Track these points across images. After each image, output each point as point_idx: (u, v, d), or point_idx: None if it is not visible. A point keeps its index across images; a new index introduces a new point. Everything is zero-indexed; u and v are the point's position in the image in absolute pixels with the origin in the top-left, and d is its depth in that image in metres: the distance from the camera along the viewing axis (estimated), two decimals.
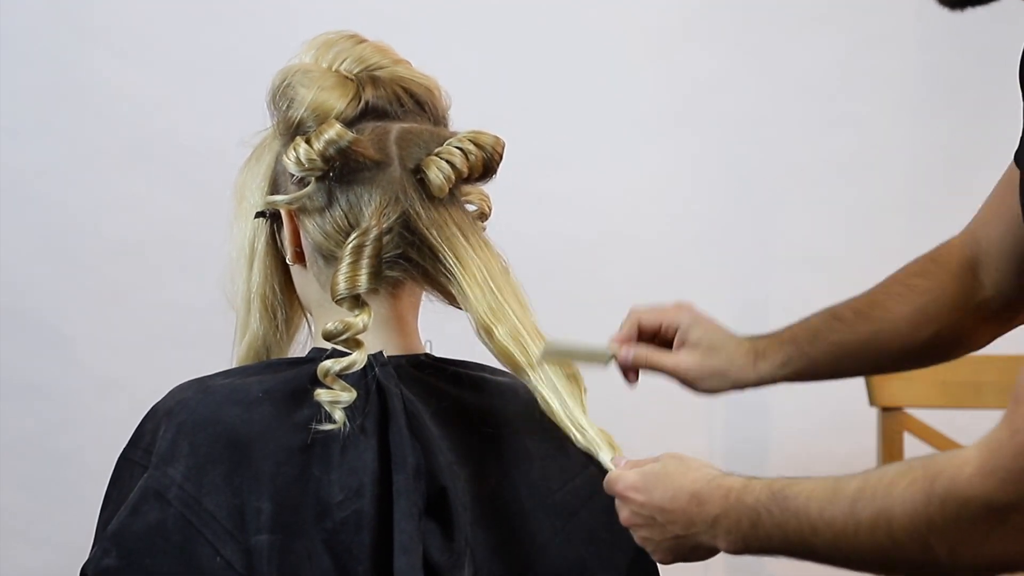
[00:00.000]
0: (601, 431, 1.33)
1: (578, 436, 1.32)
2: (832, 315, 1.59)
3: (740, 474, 1.23)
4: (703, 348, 1.53)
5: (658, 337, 1.54)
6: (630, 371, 1.53)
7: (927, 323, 1.56)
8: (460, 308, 1.34)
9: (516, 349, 1.31)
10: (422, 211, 1.31)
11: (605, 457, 1.30)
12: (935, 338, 1.57)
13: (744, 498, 1.19)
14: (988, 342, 1.60)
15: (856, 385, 2.27)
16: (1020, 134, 1.37)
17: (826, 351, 1.57)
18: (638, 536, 1.27)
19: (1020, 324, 1.59)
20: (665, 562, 1.27)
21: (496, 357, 1.32)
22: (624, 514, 1.27)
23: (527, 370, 1.31)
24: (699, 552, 1.24)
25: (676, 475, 1.24)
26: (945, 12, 1.19)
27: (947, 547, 1.07)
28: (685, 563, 1.28)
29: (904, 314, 1.57)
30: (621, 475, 1.27)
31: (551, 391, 1.32)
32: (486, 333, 1.31)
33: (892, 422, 2.29)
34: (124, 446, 1.32)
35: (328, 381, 1.27)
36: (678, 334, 1.53)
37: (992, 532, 1.05)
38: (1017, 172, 1.46)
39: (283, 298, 1.39)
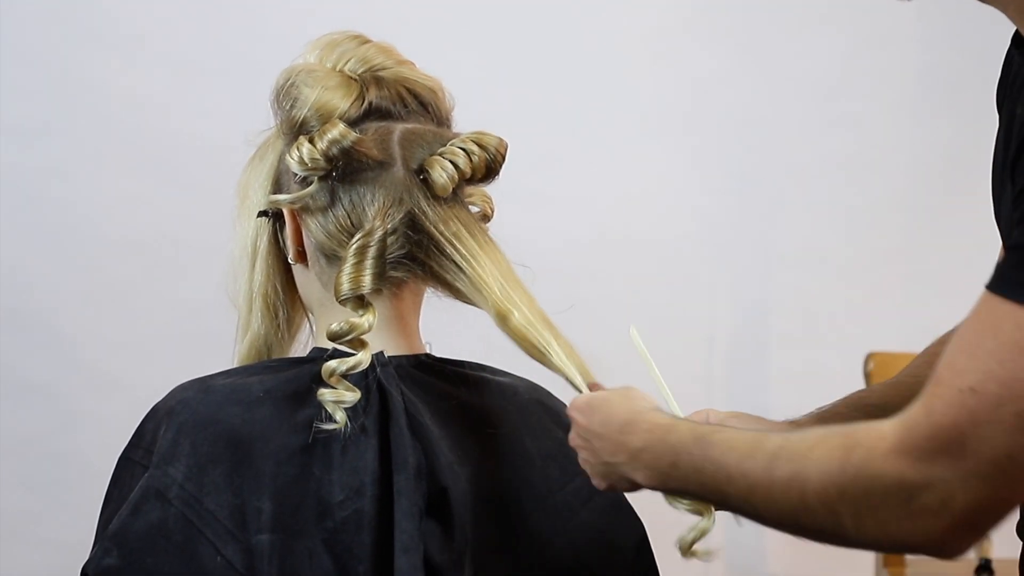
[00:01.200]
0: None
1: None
2: (859, 403, 1.55)
3: (673, 415, 1.25)
4: None
5: None
6: None
7: None
8: (466, 302, 1.34)
9: (532, 333, 1.31)
10: (428, 209, 1.31)
11: (578, 380, 1.31)
12: None
13: (667, 437, 1.20)
14: None
15: (856, 385, 2.27)
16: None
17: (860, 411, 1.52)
18: (579, 459, 1.28)
19: None
20: (600, 487, 1.27)
21: (515, 343, 1.31)
22: (571, 435, 1.28)
23: (545, 353, 1.31)
24: (624, 484, 1.24)
25: (616, 403, 1.25)
26: (943, 13, 1.20)
27: (854, 518, 1.08)
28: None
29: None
30: (576, 398, 1.28)
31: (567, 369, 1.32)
32: (503, 319, 1.30)
33: None
34: (125, 446, 1.32)
35: (332, 381, 1.27)
36: None
37: (899, 509, 1.06)
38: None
39: (285, 297, 1.39)
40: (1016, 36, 1.22)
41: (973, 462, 1.03)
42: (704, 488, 1.18)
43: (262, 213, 1.37)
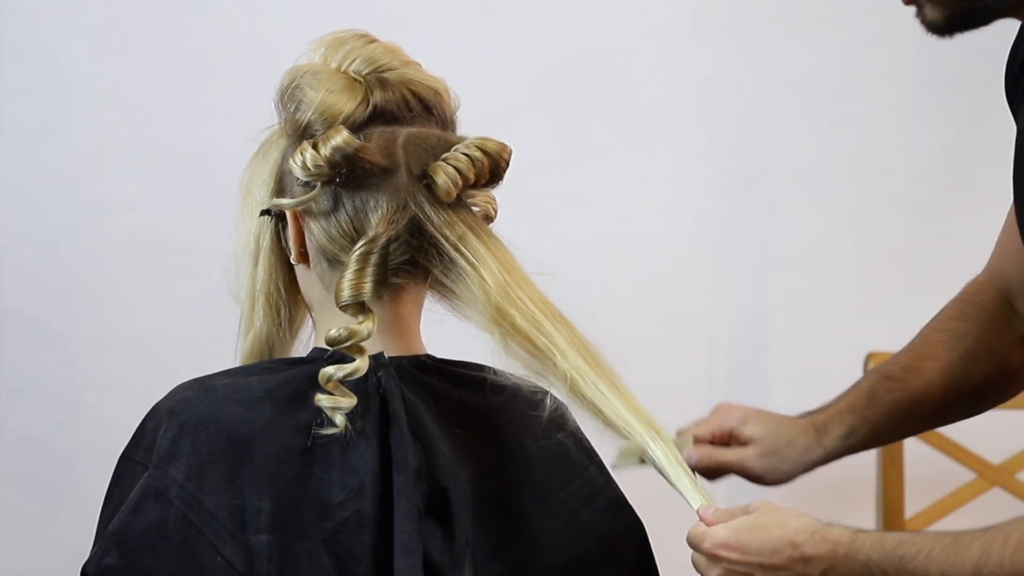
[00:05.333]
0: (680, 463, 1.29)
1: (671, 474, 1.28)
2: (882, 375, 1.57)
3: (843, 525, 1.22)
4: (761, 440, 1.50)
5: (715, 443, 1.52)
6: (705, 472, 1.50)
7: (977, 365, 1.55)
8: (462, 315, 1.33)
9: (536, 335, 1.29)
10: (432, 214, 1.31)
11: (694, 503, 1.27)
12: (988, 380, 1.56)
13: (854, 554, 1.19)
14: None
15: None
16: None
17: (884, 412, 1.55)
18: None
19: None
20: None
21: (515, 346, 1.29)
22: (715, 572, 1.25)
23: (551, 356, 1.29)
24: None
25: (774, 526, 1.22)
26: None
27: None
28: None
29: (953, 360, 1.55)
30: (706, 532, 1.25)
31: (603, 391, 1.29)
32: (504, 319, 1.29)
33: None
34: (125, 445, 1.32)
35: (330, 387, 1.27)
36: (733, 435, 1.50)
37: None
38: None
39: (287, 296, 1.39)
40: None
41: None
42: None
43: (264, 212, 1.37)
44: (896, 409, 1.55)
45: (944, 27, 1.18)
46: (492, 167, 1.33)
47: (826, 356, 2.65)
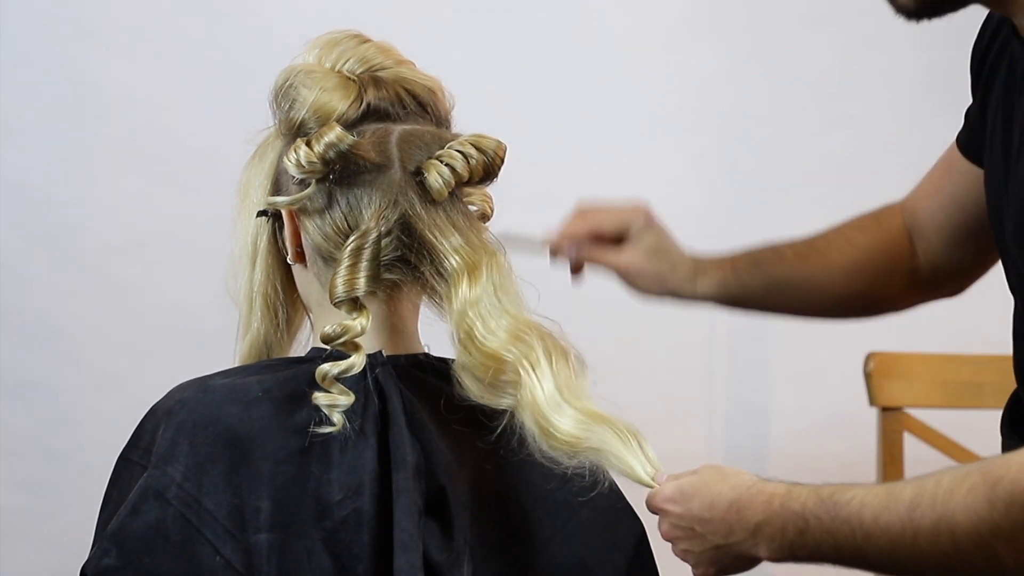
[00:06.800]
0: (630, 430, 1.26)
1: (617, 462, 1.26)
2: (774, 251, 1.67)
3: (780, 480, 1.21)
4: (650, 251, 1.62)
5: (605, 235, 1.63)
6: (575, 267, 1.65)
7: (859, 276, 1.64)
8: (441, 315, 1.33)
9: (510, 346, 1.27)
10: (423, 213, 1.31)
11: (644, 476, 1.26)
12: (863, 293, 1.65)
13: (789, 504, 1.18)
14: (910, 307, 1.69)
15: (856, 385, 2.27)
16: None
17: (762, 282, 1.65)
18: (678, 549, 1.25)
19: (942, 297, 1.68)
20: (708, 575, 1.24)
21: (483, 359, 1.27)
22: (663, 527, 1.26)
23: (521, 370, 1.26)
24: (740, 562, 1.22)
25: (714, 483, 1.22)
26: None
27: (1013, 552, 1.07)
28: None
29: (839, 264, 1.65)
30: (659, 490, 1.25)
31: (553, 400, 1.26)
32: (463, 322, 1.27)
33: (892, 422, 2.28)
34: (124, 446, 1.32)
35: (326, 384, 1.27)
36: (630, 234, 1.61)
37: None
38: (957, 154, 1.60)
39: (285, 297, 1.40)
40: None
41: None
42: (839, 551, 1.16)
43: (261, 213, 1.37)
44: (773, 284, 1.65)
45: (915, 11, 1.21)
46: (487, 165, 1.33)
47: (826, 356, 2.66)
